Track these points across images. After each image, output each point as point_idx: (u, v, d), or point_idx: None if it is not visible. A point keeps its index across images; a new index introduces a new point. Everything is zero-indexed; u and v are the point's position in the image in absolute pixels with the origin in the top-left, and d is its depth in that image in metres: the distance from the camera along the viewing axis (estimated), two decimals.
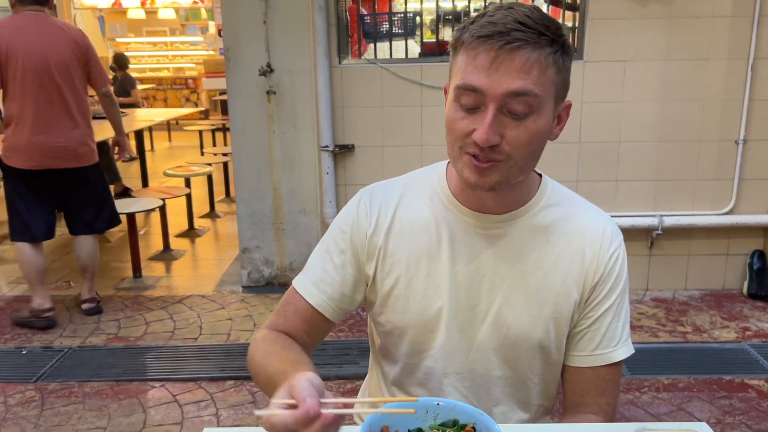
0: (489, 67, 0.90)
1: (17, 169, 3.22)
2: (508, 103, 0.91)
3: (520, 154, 0.95)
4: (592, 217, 1.10)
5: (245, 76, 3.56)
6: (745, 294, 3.67)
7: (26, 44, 3.12)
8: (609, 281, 1.07)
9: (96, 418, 2.56)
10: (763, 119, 3.50)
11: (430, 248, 1.08)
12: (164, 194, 4.56)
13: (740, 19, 3.38)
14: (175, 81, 11.82)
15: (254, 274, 3.85)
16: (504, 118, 0.93)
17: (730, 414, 2.55)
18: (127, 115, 6.33)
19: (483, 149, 0.93)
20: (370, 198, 1.13)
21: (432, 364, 1.11)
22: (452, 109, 0.96)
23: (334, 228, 1.14)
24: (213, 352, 3.11)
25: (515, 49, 0.89)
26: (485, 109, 0.92)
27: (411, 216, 1.10)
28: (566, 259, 1.06)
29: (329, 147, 3.56)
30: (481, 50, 0.91)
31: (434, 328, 1.09)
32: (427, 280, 1.08)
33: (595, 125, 3.54)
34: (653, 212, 3.62)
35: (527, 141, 0.94)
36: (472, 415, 0.87)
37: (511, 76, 0.90)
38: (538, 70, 0.91)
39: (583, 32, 3.44)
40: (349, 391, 2.72)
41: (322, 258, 1.13)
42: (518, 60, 0.90)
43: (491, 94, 0.91)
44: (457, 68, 0.96)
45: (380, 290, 1.11)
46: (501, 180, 0.97)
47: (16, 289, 3.94)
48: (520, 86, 0.90)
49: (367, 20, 3.62)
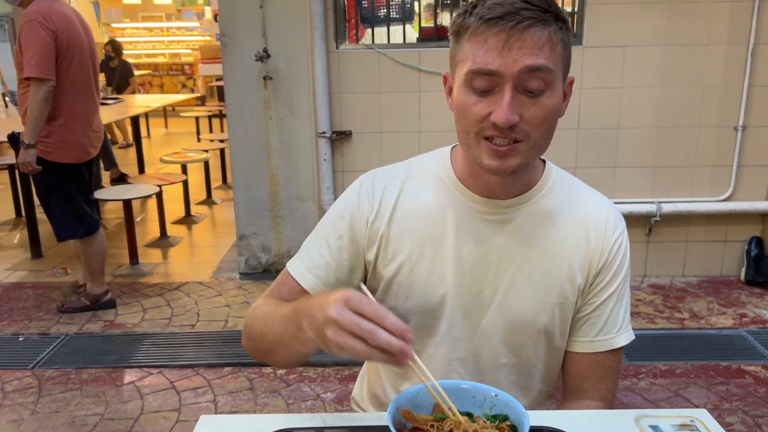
0: (502, 48, 0.90)
1: (66, 165, 3.13)
2: (523, 81, 0.91)
3: (538, 133, 0.94)
4: (596, 203, 1.09)
5: (242, 62, 3.53)
6: (742, 280, 3.67)
7: (78, 35, 3.05)
8: (612, 267, 1.06)
9: (93, 405, 2.56)
10: (762, 105, 3.49)
11: (435, 234, 1.06)
12: (161, 181, 4.54)
13: (740, 4, 3.36)
14: (172, 67, 11.76)
15: (251, 261, 3.85)
16: (520, 97, 0.92)
17: (727, 400, 2.56)
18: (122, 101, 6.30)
19: (503, 130, 0.92)
20: (372, 183, 1.11)
21: (436, 351, 1.10)
22: (464, 93, 0.95)
23: (332, 213, 1.12)
24: (210, 339, 3.10)
25: (526, 28, 0.89)
26: (500, 90, 0.92)
27: (415, 201, 1.08)
28: (571, 243, 1.06)
29: (326, 133, 3.54)
30: (491, 33, 0.90)
31: (438, 315, 1.08)
32: (432, 266, 1.06)
33: (594, 111, 3.52)
34: (651, 199, 3.61)
35: (544, 118, 0.94)
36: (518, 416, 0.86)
37: (525, 53, 0.90)
38: (549, 47, 0.91)
39: (582, 17, 3.41)
40: (347, 378, 2.72)
41: (318, 243, 1.11)
42: (530, 38, 0.90)
43: (507, 73, 0.90)
44: (464, 55, 0.94)
45: (383, 277, 1.09)
46: (522, 163, 0.96)
47: (12, 276, 3.92)
48: (535, 62, 0.90)
49: (365, 5, 3.58)
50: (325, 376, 2.75)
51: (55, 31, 2.93)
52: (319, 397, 2.61)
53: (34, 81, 2.88)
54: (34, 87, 2.89)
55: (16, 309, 3.45)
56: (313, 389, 2.66)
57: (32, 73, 2.87)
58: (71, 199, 3.19)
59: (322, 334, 0.80)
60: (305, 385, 2.70)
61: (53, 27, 2.92)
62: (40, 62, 2.87)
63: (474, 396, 0.90)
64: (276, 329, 0.96)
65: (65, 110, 3.05)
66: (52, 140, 3.05)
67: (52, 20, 2.92)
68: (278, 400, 2.60)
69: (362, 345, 0.77)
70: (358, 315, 0.78)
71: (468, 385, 0.92)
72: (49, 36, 2.90)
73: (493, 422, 0.87)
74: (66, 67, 3.00)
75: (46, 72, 2.89)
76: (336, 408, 2.53)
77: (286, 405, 2.57)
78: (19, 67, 2.99)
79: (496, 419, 0.88)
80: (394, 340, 0.76)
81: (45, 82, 2.89)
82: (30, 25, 2.88)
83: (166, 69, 11.74)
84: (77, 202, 3.21)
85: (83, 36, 3.10)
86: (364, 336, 0.77)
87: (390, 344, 0.76)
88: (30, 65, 2.87)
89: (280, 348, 0.97)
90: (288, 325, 0.91)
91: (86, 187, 3.31)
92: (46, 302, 3.53)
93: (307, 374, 2.76)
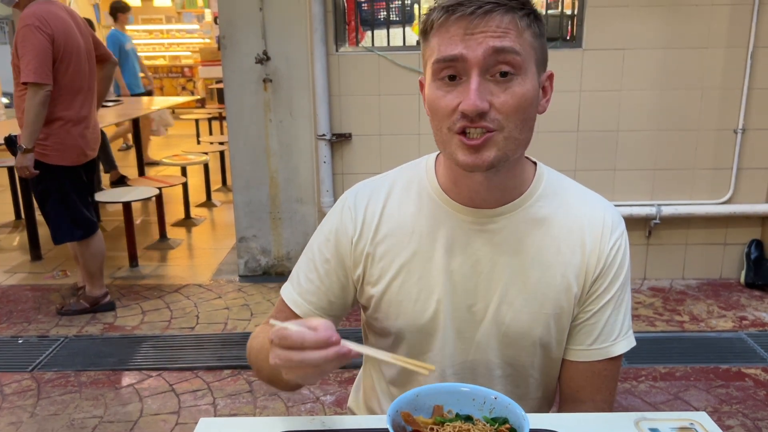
0: (464, 33, 0.88)
1: (63, 167, 3.13)
2: (490, 65, 0.88)
3: (512, 123, 0.90)
4: (592, 206, 1.05)
5: (241, 64, 3.54)
6: (742, 283, 3.67)
7: (74, 37, 3.05)
8: (610, 273, 1.02)
9: (92, 407, 2.56)
10: (762, 108, 3.49)
11: (422, 248, 1.03)
12: (160, 183, 4.54)
13: (740, 7, 3.36)
14: (171, 69, 11.76)
15: (251, 263, 3.84)
16: (489, 84, 0.89)
17: (726, 403, 2.56)
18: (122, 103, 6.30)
19: (473, 119, 0.88)
20: (354, 201, 1.08)
21: None
22: (432, 89, 0.93)
23: (318, 235, 1.11)
24: (210, 342, 3.10)
25: (488, 12, 0.88)
26: (467, 78, 0.89)
27: (399, 216, 1.05)
28: (566, 251, 1.01)
29: (326, 135, 3.54)
30: (453, 20, 0.89)
31: (431, 332, 1.05)
32: (420, 283, 1.03)
33: (593, 114, 3.52)
34: (651, 201, 3.61)
35: (516, 105, 0.89)
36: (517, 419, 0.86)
37: (489, 36, 0.88)
38: (515, 31, 0.89)
39: (582, 20, 3.42)
40: (347, 380, 2.72)
41: (307, 267, 1.10)
42: (493, 23, 0.88)
43: (472, 57, 0.88)
44: (431, 49, 0.92)
45: (372, 296, 1.07)
46: (499, 156, 0.91)
47: (11, 278, 3.92)
48: (500, 43, 0.88)
49: (365, 7, 3.59)
50: (324, 379, 2.75)
51: (52, 34, 2.93)
52: (319, 399, 2.61)
53: (31, 86, 2.89)
54: (31, 92, 2.89)
55: (15, 311, 3.45)
56: (313, 392, 2.66)
57: (29, 78, 2.87)
58: (69, 201, 3.18)
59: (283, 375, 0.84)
60: (304, 387, 2.69)
61: (50, 31, 2.92)
62: (37, 67, 2.87)
63: (473, 399, 0.90)
64: (264, 365, 0.99)
65: (62, 113, 3.05)
66: (50, 143, 3.05)
67: (49, 24, 2.92)
68: (278, 403, 2.59)
69: (310, 369, 0.80)
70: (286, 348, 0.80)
71: (467, 388, 0.92)
72: (46, 40, 2.90)
73: (493, 425, 0.87)
74: (63, 70, 3.00)
75: (43, 77, 2.89)
76: (335, 411, 2.53)
77: (285, 408, 2.57)
78: (15, 71, 2.99)
79: (495, 422, 0.87)
80: (323, 353, 0.78)
81: (42, 87, 2.90)
82: (27, 30, 2.89)
83: (166, 71, 11.75)
84: (75, 205, 3.21)
85: (80, 38, 3.10)
86: (303, 366, 0.79)
87: (324, 359, 0.78)
88: (27, 70, 2.87)
89: (275, 379, 1.02)
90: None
91: (84, 190, 3.31)
92: (45, 304, 3.53)
93: None
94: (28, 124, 2.93)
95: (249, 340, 1.11)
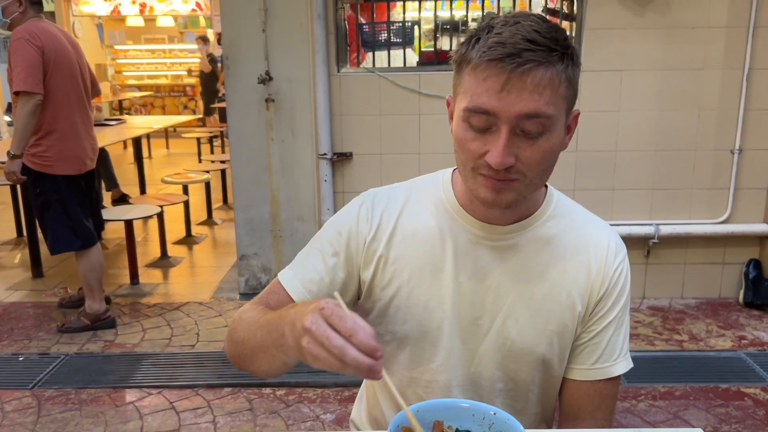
0: (501, 90, 0.88)
1: (64, 177, 3.21)
2: (521, 124, 0.89)
3: (534, 172, 0.93)
4: (598, 229, 1.08)
5: (244, 84, 3.58)
6: (741, 303, 3.68)
7: (65, 52, 3.16)
8: (612, 295, 1.05)
9: (93, 425, 2.56)
10: (758, 129, 3.52)
11: (434, 258, 1.05)
12: (162, 201, 4.57)
13: (736, 29, 3.41)
14: (173, 88, 11.85)
15: (252, 281, 3.86)
16: (517, 138, 0.91)
17: (726, 422, 2.56)
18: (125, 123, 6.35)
19: (498, 171, 0.91)
20: (373, 202, 1.10)
21: (434, 377, 1.08)
22: (462, 129, 0.94)
23: (331, 227, 1.11)
24: (210, 359, 3.10)
25: (527, 71, 0.87)
26: (497, 130, 0.90)
27: (415, 224, 1.07)
28: (572, 271, 1.04)
29: (327, 155, 3.58)
30: (491, 73, 0.88)
31: (436, 341, 1.07)
32: (430, 291, 1.05)
33: (591, 134, 3.56)
34: (650, 221, 3.64)
35: (541, 159, 0.92)
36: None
37: (523, 98, 0.88)
38: (551, 90, 0.89)
39: (580, 42, 3.46)
40: (347, 399, 2.72)
41: (314, 257, 1.10)
42: (530, 81, 0.87)
43: (504, 116, 0.89)
44: (464, 88, 0.92)
45: (379, 299, 1.08)
46: (518, 198, 0.96)
47: (13, 296, 3.93)
48: (533, 108, 0.88)
49: (366, 29, 3.64)
50: (324, 397, 2.75)
51: (42, 47, 3.04)
52: (319, 418, 2.61)
53: (22, 95, 3.00)
54: (22, 101, 3.00)
55: (16, 328, 3.46)
56: (313, 410, 2.66)
57: (20, 87, 2.98)
58: (69, 211, 3.25)
59: (299, 343, 0.80)
60: (305, 405, 2.69)
61: (40, 44, 3.04)
62: (27, 77, 2.98)
63: (473, 414, 0.92)
64: (259, 335, 0.94)
65: (60, 123, 3.15)
66: (51, 154, 3.15)
67: (39, 38, 3.05)
68: (278, 421, 2.59)
69: (334, 359, 0.76)
70: (331, 328, 0.77)
71: (467, 404, 0.93)
72: (36, 52, 3.02)
73: None
74: (57, 81, 3.11)
75: (33, 86, 2.99)
76: (335, 429, 2.53)
77: (285, 426, 2.57)
78: (11, 84, 3.10)
79: None
80: (362, 357, 0.75)
81: (33, 96, 3.01)
82: (18, 43, 3.01)
83: (168, 90, 11.83)
84: (75, 215, 3.27)
85: (71, 51, 3.22)
86: (333, 353, 0.76)
87: (358, 363, 0.75)
88: (18, 80, 2.99)
89: (260, 354, 0.95)
90: (271, 332, 0.90)
91: (84, 200, 3.36)
92: (46, 322, 3.53)
93: (307, 395, 2.76)
94: (17, 131, 3.05)
95: (238, 313, 1.07)
